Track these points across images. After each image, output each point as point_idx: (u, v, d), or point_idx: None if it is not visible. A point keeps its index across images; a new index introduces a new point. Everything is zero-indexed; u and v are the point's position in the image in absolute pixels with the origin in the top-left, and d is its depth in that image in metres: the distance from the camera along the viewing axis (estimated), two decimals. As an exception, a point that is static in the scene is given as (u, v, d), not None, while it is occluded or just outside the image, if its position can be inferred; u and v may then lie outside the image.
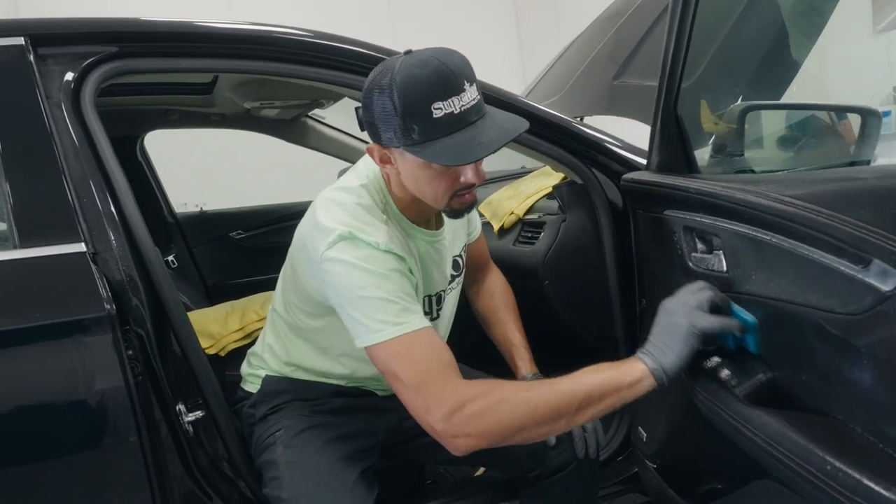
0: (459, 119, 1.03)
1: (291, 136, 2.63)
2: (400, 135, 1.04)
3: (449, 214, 1.19)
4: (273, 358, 1.37)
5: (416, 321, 1.06)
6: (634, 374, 1.02)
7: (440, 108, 1.01)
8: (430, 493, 1.63)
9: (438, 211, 1.22)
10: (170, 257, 2.62)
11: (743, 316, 1.02)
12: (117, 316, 1.13)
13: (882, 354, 0.79)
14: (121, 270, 1.19)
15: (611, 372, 1.03)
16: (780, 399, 0.96)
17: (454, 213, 1.17)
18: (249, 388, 1.39)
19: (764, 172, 1.38)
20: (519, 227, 1.92)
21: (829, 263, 0.84)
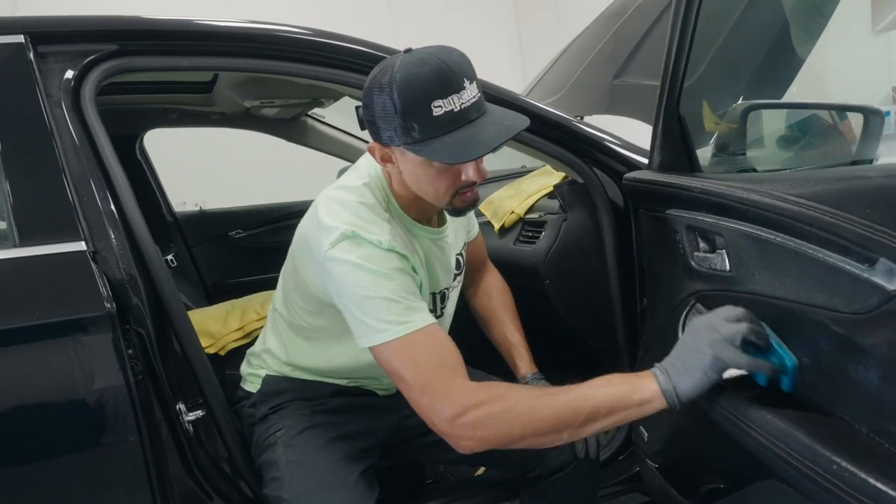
0: (459, 117, 1.02)
1: (291, 136, 2.62)
2: (400, 133, 1.04)
3: (451, 212, 1.19)
4: (273, 358, 1.36)
5: (421, 319, 1.06)
6: (645, 394, 0.97)
7: (440, 106, 1.00)
8: (430, 493, 1.63)
9: (440, 209, 1.22)
10: (169, 256, 2.61)
11: (783, 354, 0.93)
12: (117, 315, 1.13)
13: (888, 353, 0.78)
14: (121, 269, 1.18)
15: (622, 387, 0.99)
16: (785, 399, 0.95)
17: (456, 211, 1.17)
18: (249, 388, 1.38)
19: (766, 171, 1.38)
20: (520, 226, 1.92)
21: (834, 262, 0.84)
